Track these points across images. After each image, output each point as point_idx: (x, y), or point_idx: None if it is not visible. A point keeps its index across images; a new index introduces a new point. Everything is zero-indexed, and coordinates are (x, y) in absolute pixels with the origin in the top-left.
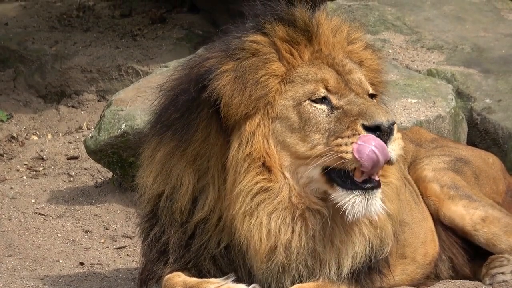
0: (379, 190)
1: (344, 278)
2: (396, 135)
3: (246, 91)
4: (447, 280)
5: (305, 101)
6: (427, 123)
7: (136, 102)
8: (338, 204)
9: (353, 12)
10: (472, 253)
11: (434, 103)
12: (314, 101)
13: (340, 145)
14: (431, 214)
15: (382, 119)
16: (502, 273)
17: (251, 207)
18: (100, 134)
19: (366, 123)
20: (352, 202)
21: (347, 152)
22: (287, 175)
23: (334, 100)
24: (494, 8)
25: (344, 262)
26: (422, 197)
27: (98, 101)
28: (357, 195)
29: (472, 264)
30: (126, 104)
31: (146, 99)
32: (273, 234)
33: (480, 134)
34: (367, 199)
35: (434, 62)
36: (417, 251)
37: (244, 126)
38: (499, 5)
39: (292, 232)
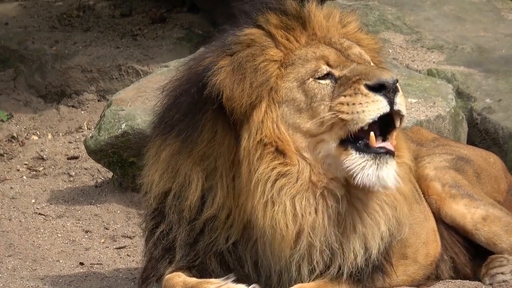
0: (393, 159)
1: (371, 262)
2: (401, 92)
3: (246, 80)
4: (447, 280)
5: (308, 79)
6: (427, 123)
7: (137, 102)
8: (348, 169)
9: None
10: (474, 252)
11: (434, 103)
12: (318, 78)
13: (342, 103)
14: (433, 212)
15: (386, 77)
16: (502, 273)
17: (272, 195)
18: (100, 134)
19: (369, 82)
20: (362, 165)
21: (347, 113)
22: (306, 155)
23: (336, 72)
24: (494, 8)
25: (373, 244)
26: (424, 196)
27: (98, 101)
28: (368, 159)
29: (473, 264)
30: (126, 104)
31: (146, 99)
32: (299, 217)
33: (480, 134)
34: (378, 164)
35: (434, 62)
36: (418, 251)
37: (252, 116)
38: (499, 5)
39: (316, 212)
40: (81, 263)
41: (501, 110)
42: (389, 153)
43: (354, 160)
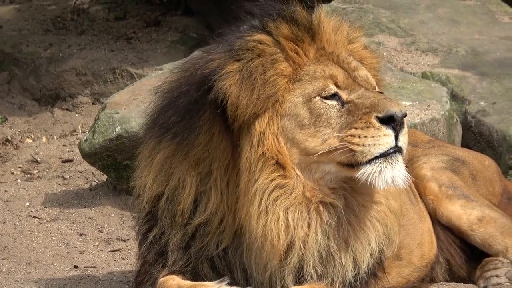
0: (401, 156)
1: (363, 276)
2: (406, 129)
3: (254, 91)
4: (441, 283)
5: (315, 97)
6: (422, 125)
7: (131, 105)
8: (365, 179)
9: (348, 14)
10: (470, 253)
11: (429, 105)
12: (325, 98)
13: (354, 135)
14: (429, 213)
15: (395, 109)
16: (496, 275)
17: (267, 204)
18: (95, 137)
19: (379, 115)
20: (378, 170)
21: (358, 145)
22: (298, 172)
23: (344, 95)
24: (488, 11)
25: (363, 259)
26: (421, 196)
27: (92, 104)
28: (381, 163)
29: (468, 266)
30: (121, 107)
31: (140, 102)
32: (291, 229)
33: (475, 137)
34: (392, 164)
35: (428, 65)
36: (413, 253)
37: (254, 126)
38: (493, 8)
39: (309, 227)
40: (76, 266)
41: (496, 113)
42: (397, 151)
43: (368, 170)
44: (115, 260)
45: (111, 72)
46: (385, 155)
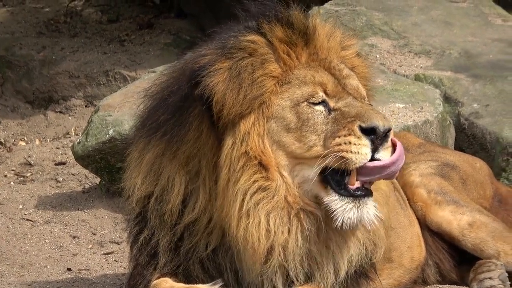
0: (371, 199)
1: (342, 281)
2: (389, 143)
3: (241, 91)
4: (434, 285)
5: (303, 102)
6: (415, 128)
7: (124, 108)
8: (330, 210)
9: (341, 17)
10: (459, 258)
11: (422, 108)
12: (313, 104)
13: (340, 144)
14: (418, 219)
15: (379, 123)
16: (490, 278)
17: (249, 207)
18: (88, 140)
19: (363, 124)
20: (343, 208)
21: (347, 151)
22: (284, 174)
23: (331, 103)
24: (481, 13)
25: (341, 265)
26: (409, 202)
27: (85, 106)
28: (349, 202)
29: (460, 269)
30: (114, 109)
31: (133, 104)
32: (272, 234)
33: (468, 139)
34: (358, 207)
35: (421, 67)
36: (403, 255)
37: (239, 126)
38: (486, 10)
39: (289, 232)
40: (69, 269)
41: (489, 115)
42: (367, 195)
43: (335, 203)
44: (108, 263)
45: (104, 74)
46: (354, 196)
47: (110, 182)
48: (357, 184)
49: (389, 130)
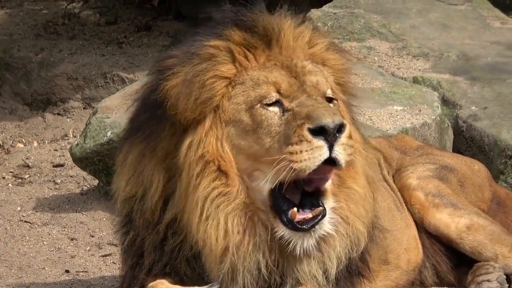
0: (323, 221)
1: (332, 281)
2: (345, 139)
3: (192, 95)
4: (432, 287)
5: (257, 104)
6: (413, 130)
7: (122, 110)
8: (283, 238)
9: (339, 19)
10: (456, 260)
11: (420, 110)
12: (266, 105)
13: (292, 152)
14: (416, 222)
15: (327, 120)
16: (488, 280)
17: (210, 212)
18: (86, 142)
19: (311, 126)
20: (301, 240)
21: (296, 162)
22: (245, 178)
23: (286, 102)
24: (479, 16)
25: (328, 266)
26: (407, 205)
27: (84, 108)
28: (302, 235)
29: (457, 271)
30: (112, 111)
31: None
32: (229, 233)
33: (466, 142)
34: (311, 234)
35: (419, 70)
36: (400, 257)
37: (196, 128)
38: (484, 12)
39: (244, 233)
40: (67, 271)
41: (487, 118)
42: (313, 226)
43: (282, 232)
44: (106, 265)
45: (102, 76)
46: (303, 231)
47: (108, 184)
48: (300, 216)
49: (341, 125)
